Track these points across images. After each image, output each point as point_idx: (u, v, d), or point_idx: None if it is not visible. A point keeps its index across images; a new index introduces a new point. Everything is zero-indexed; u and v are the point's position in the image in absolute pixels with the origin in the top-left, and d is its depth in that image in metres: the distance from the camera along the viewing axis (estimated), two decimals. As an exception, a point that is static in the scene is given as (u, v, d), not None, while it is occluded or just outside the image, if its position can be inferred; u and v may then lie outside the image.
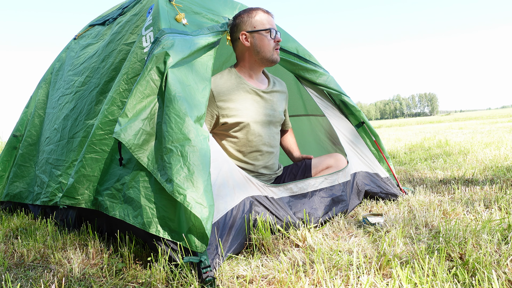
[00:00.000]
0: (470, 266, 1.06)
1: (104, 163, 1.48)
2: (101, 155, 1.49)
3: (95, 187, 1.49)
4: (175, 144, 1.19)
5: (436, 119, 25.26)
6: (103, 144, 1.49)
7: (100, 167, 1.49)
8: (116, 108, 1.48)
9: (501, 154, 3.39)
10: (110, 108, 1.49)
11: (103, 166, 1.48)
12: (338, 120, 2.11)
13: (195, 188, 1.14)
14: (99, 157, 1.49)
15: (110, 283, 1.16)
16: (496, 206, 1.68)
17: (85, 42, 2.13)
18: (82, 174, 1.51)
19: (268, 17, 1.71)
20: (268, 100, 1.81)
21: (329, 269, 1.12)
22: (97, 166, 1.49)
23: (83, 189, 1.52)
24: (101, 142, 1.49)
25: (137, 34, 1.63)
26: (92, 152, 1.50)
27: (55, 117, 2.01)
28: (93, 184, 1.50)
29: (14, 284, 1.19)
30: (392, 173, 2.14)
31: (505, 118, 15.29)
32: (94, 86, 1.77)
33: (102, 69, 1.76)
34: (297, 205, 1.62)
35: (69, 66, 2.12)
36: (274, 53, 1.71)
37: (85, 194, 1.52)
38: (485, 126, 9.66)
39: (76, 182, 1.52)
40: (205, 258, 1.12)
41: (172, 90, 1.25)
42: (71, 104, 1.90)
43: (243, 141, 1.75)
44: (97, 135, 1.50)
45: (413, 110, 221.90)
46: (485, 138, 5.48)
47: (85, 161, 1.50)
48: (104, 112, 1.51)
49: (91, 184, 1.50)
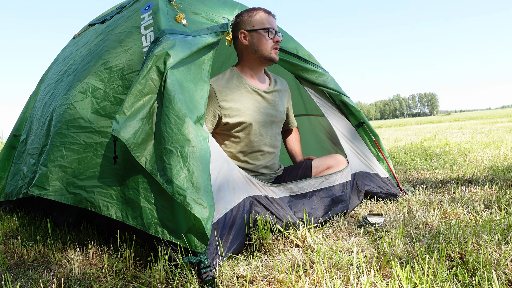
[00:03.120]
0: (470, 266, 1.06)
1: (86, 157, 1.40)
2: (82, 147, 1.41)
3: (70, 180, 1.41)
4: (175, 145, 1.19)
5: (436, 119, 25.26)
6: (88, 137, 1.41)
7: (80, 160, 1.40)
8: (109, 103, 1.43)
9: (501, 154, 3.39)
10: (102, 103, 1.45)
11: (86, 160, 1.39)
12: (338, 120, 2.11)
13: (195, 189, 1.14)
14: (80, 150, 1.40)
15: (110, 283, 1.16)
16: (496, 206, 1.68)
17: (79, 38, 2.14)
18: (58, 164, 1.42)
19: (269, 17, 1.72)
20: (270, 100, 1.81)
21: (329, 269, 1.12)
22: (76, 159, 1.40)
23: (56, 180, 1.42)
24: (86, 134, 1.42)
25: (127, 26, 1.62)
26: (73, 143, 1.42)
27: (38, 108, 1.98)
28: (68, 177, 1.41)
29: (14, 284, 1.19)
30: (392, 173, 2.14)
31: (505, 118, 15.29)
32: (72, 71, 1.73)
33: (85, 57, 1.73)
34: (297, 205, 1.62)
35: (60, 60, 2.13)
36: (272, 52, 1.71)
37: (56, 186, 1.42)
38: (485, 126, 9.65)
39: (49, 172, 1.43)
40: (205, 258, 1.12)
41: (171, 91, 1.25)
42: (51, 91, 1.86)
43: (245, 141, 1.75)
44: (82, 127, 1.43)
45: (413, 110, 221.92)
46: (485, 138, 5.48)
47: (65, 151, 1.41)
48: (92, 104, 1.45)
49: (65, 176, 1.41)
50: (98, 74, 1.52)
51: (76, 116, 1.47)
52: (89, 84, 1.52)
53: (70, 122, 1.47)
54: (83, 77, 1.58)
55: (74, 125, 1.46)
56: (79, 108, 1.48)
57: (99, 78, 1.51)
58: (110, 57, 1.54)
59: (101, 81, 1.50)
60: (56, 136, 1.48)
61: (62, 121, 1.50)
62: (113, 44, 1.60)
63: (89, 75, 1.55)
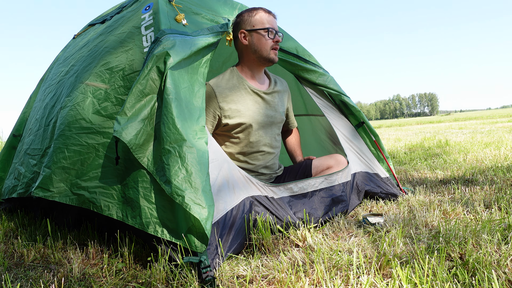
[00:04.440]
0: (470, 266, 1.06)
1: (89, 158, 1.40)
2: (85, 148, 1.41)
3: (74, 181, 1.42)
4: (173, 145, 1.19)
5: (436, 119, 25.25)
6: (90, 138, 1.41)
7: (83, 161, 1.40)
8: (110, 104, 1.43)
9: (501, 154, 3.39)
10: (103, 104, 1.45)
11: (88, 161, 1.40)
12: (338, 120, 2.11)
13: (194, 189, 1.14)
14: (83, 151, 1.41)
15: (110, 283, 1.16)
16: (496, 206, 1.68)
17: (80, 39, 2.14)
18: (62, 166, 1.43)
19: (269, 16, 1.71)
20: (270, 101, 1.81)
21: (329, 269, 1.12)
22: (78, 160, 1.41)
23: (60, 182, 1.43)
24: (88, 135, 1.42)
25: (128, 26, 1.62)
26: (75, 144, 1.42)
27: (38, 108, 1.98)
28: (71, 178, 1.41)
29: (14, 284, 1.19)
30: (392, 173, 2.15)
31: (505, 118, 15.28)
32: (74, 72, 1.73)
33: (86, 58, 1.74)
34: (297, 205, 1.62)
35: (60, 60, 2.13)
36: (271, 52, 1.70)
37: (61, 187, 1.42)
38: (485, 126, 9.65)
39: (53, 173, 1.44)
40: (205, 258, 1.12)
41: (170, 91, 1.25)
42: (52, 92, 1.86)
43: (245, 142, 1.75)
44: (83, 128, 1.43)
45: (413, 110, 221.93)
46: (485, 138, 5.48)
47: (68, 152, 1.42)
48: (94, 105, 1.46)
49: (69, 177, 1.42)
50: (99, 75, 1.52)
51: (78, 118, 1.47)
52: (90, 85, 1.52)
53: (72, 124, 1.47)
54: (84, 78, 1.58)
55: (76, 126, 1.46)
56: (81, 109, 1.48)
57: (100, 79, 1.51)
58: (111, 58, 1.54)
59: (102, 82, 1.50)
60: (58, 138, 1.49)
61: (64, 123, 1.51)
62: (114, 45, 1.60)
63: (91, 76, 1.55)
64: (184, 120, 1.25)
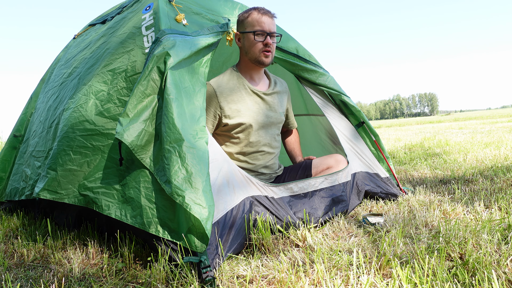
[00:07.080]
0: (470, 266, 1.06)
1: (95, 159, 1.41)
2: (91, 150, 1.42)
3: (81, 182, 1.42)
4: (173, 144, 1.20)
5: (436, 119, 25.25)
6: (95, 140, 1.42)
7: (90, 163, 1.42)
8: (113, 106, 1.44)
9: (501, 154, 3.39)
10: (106, 105, 1.45)
11: (95, 162, 1.41)
12: (338, 120, 2.11)
13: (194, 189, 1.14)
14: (89, 153, 1.42)
15: (110, 283, 1.16)
16: (496, 206, 1.68)
17: (81, 39, 2.14)
18: (68, 168, 1.44)
19: (262, 17, 1.66)
20: (269, 102, 1.81)
21: (329, 269, 1.12)
22: (85, 162, 1.42)
23: (68, 184, 1.44)
24: (92, 137, 1.43)
25: (129, 27, 1.62)
26: (81, 146, 1.43)
27: (42, 110, 1.99)
28: (79, 180, 1.43)
29: (14, 284, 1.19)
30: (392, 173, 2.15)
31: (505, 118, 15.28)
32: (76, 75, 1.74)
33: (89, 60, 1.74)
34: (297, 205, 1.62)
35: (62, 61, 2.13)
36: (261, 55, 1.67)
37: (69, 189, 1.44)
38: (485, 126, 9.65)
39: (60, 176, 1.45)
40: (205, 258, 1.12)
41: (171, 91, 1.25)
42: (55, 94, 1.88)
43: (245, 142, 1.75)
44: (87, 130, 1.44)
45: (413, 110, 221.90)
46: (485, 138, 5.48)
47: (74, 154, 1.43)
48: (96, 106, 1.46)
49: (77, 179, 1.43)
50: (102, 76, 1.53)
51: (81, 119, 1.48)
52: (93, 87, 1.52)
53: (76, 126, 1.49)
54: (87, 80, 1.59)
55: (79, 128, 1.48)
56: (84, 111, 1.49)
57: (103, 80, 1.51)
58: (113, 59, 1.55)
59: (104, 83, 1.50)
60: (62, 140, 1.50)
61: (68, 125, 1.52)
62: (116, 46, 1.60)
63: (93, 78, 1.55)
64: (185, 120, 1.25)
